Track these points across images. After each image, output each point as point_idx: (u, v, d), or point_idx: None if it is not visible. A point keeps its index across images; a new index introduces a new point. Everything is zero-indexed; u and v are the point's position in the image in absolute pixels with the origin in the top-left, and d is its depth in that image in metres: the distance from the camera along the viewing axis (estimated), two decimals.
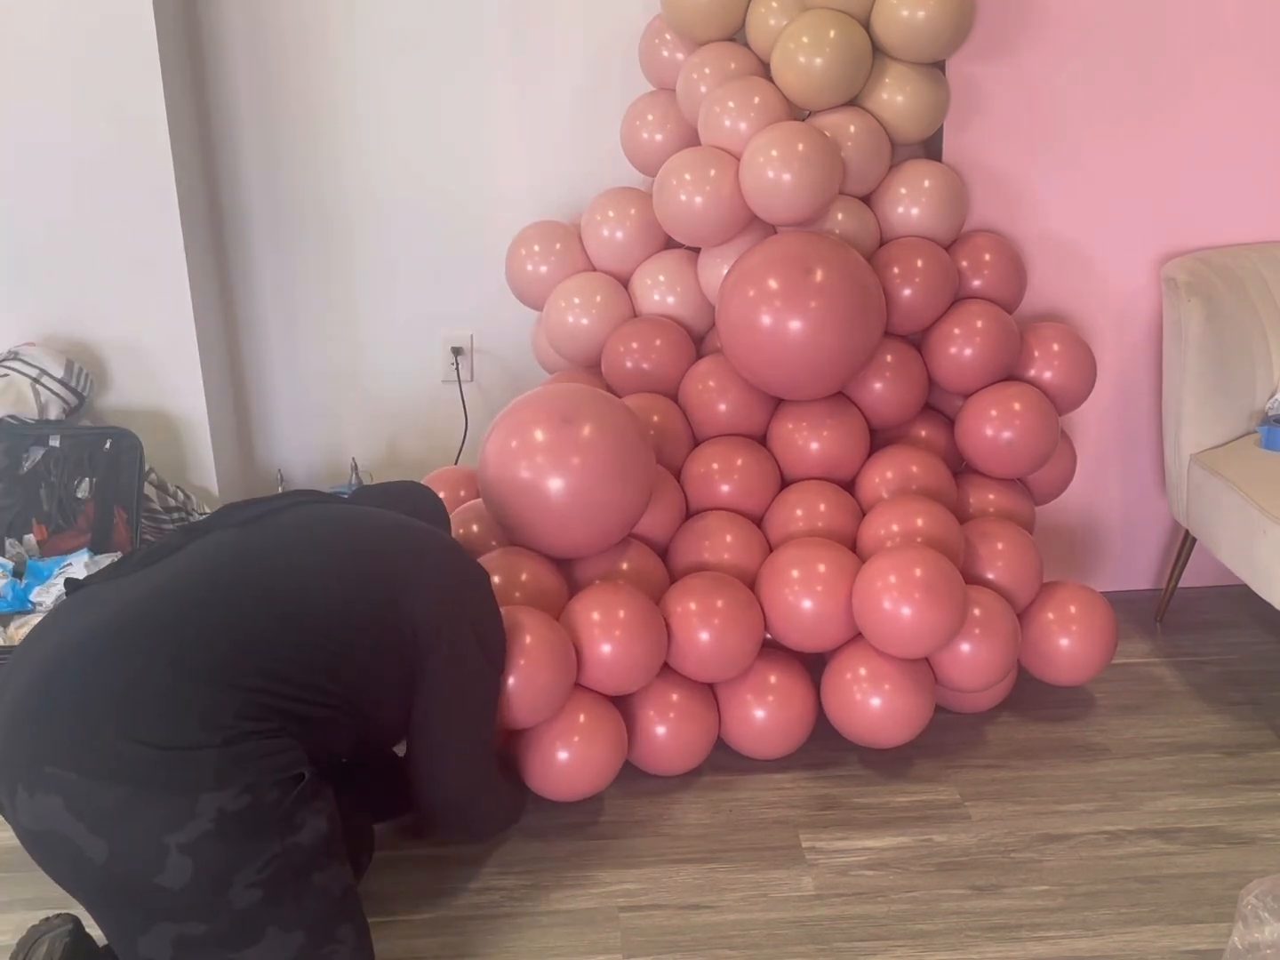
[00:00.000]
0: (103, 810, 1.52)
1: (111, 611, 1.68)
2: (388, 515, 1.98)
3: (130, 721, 1.56)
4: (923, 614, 2.19)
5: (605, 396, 2.34)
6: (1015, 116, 2.72)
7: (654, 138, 2.69)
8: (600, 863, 2.14)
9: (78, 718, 1.56)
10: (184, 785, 1.53)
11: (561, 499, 2.21)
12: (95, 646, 1.63)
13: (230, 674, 1.63)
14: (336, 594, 1.78)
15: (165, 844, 1.52)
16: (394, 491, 2.16)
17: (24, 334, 2.78)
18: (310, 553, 1.82)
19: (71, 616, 1.71)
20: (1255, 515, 2.43)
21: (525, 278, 2.78)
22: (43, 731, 1.57)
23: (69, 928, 1.73)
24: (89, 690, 1.58)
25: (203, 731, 1.56)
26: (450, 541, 2.06)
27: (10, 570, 2.51)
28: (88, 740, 1.54)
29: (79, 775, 1.53)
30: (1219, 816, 2.24)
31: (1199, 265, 2.69)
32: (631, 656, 2.19)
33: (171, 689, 1.59)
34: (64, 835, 1.53)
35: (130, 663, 1.61)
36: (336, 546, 1.85)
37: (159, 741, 1.54)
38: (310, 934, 1.63)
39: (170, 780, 1.53)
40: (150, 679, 1.59)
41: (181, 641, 1.64)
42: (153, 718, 1.56)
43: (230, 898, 1.56)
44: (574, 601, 2.25)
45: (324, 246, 3.05)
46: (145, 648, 1.62)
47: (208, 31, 2.88)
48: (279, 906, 1.60)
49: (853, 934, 1.98)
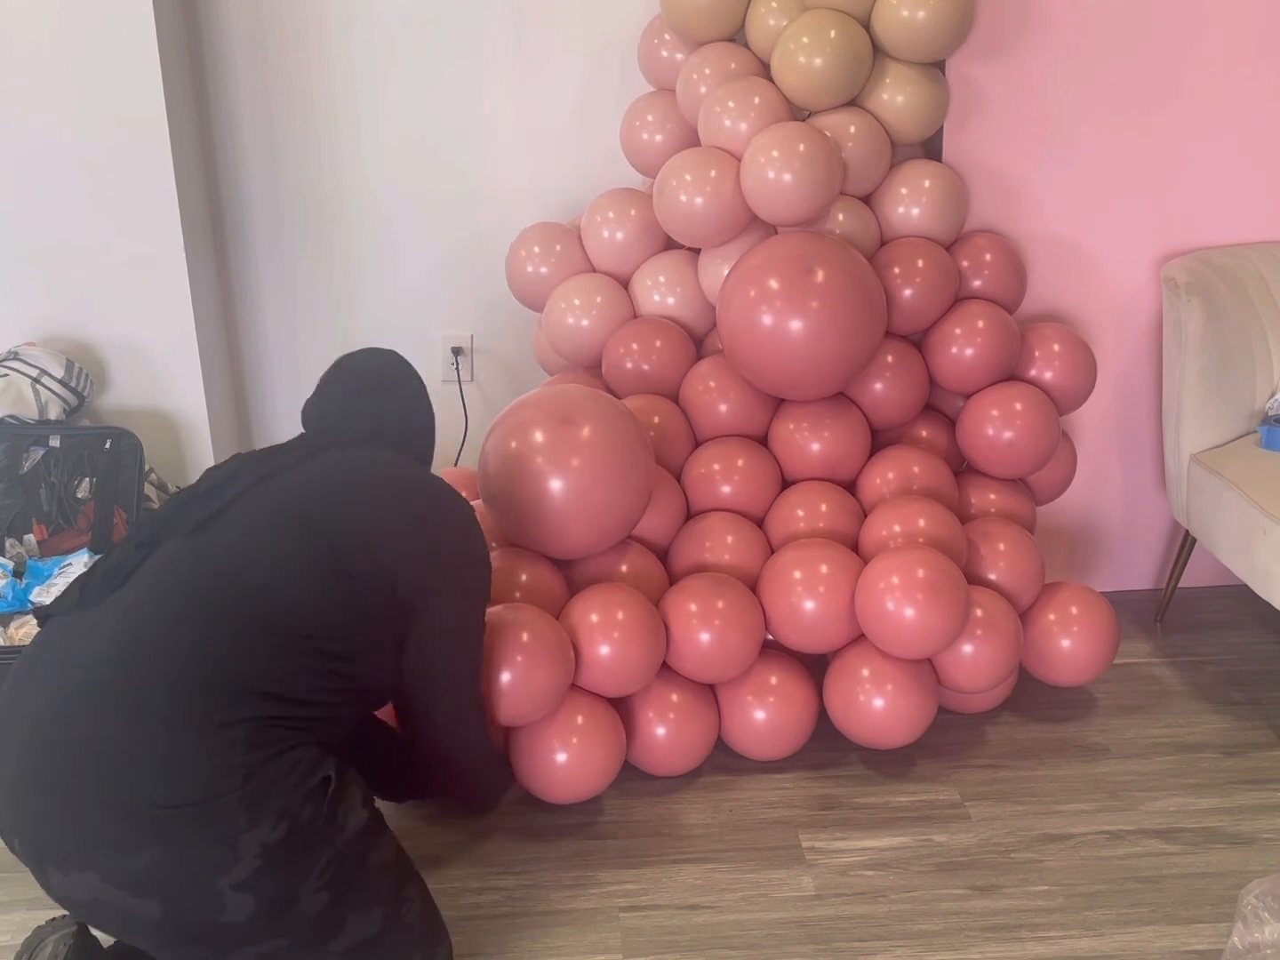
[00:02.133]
0: (142, 876, 1.49)
1: (90, 663, 1.59)
2: (345, 465, 1.85)
3: (144, 789, 1.51)
4: (925, 615, 2.19)
5: (604, 397, 2.33)
6: (1015, 116, 2.72)
7: (654, 138, 2.69)
8: (600, 863, 2.14)
9: (89, 798, 1.50)
10: (219, 834, 1.51)
11: (561, 500, 2.21)
12: (84, 712, 1.55)
13: (229, 711, 1.57)
14: (311, 588, 1.69)
15: (219, 888, 1.51)
16: (378, 391, 2.01)
17: (24, 334, 2.78)
18: (272, 550, 1.70)
19: (48, 671, 1.62)
20: (1255, 515, 2.43)
21: (525, 279, 2.78)
22: (55, 815, 1.52)
23: (73, 929, 1.72)
24: (92, 765, 1.52)
25: (221, 778, 1.52)
26: (422, 481, 1.92)
27: (10, 570, 2.51)
28: (106, 817, 1.50)
29: (109, 851, 1.49)
30: (1219, 816, 2.24)
31: (1199, 265, 2.69)
32: (630, 658, 2.19)
33: (176, 746, 1.53)
34: (109, 903, 1.51)
35: (126, 727, 1.54)
36: (298, 535, 1.72)
37: (180, 801, 1.50)
38: (385, 904, 1.69)
39: (203, 833, 1.51)
40: (151, 741, 1.53)
41: (172, 693, 1.56)
42: (166, 779, 1.51)
43: (301, 908, 1.58)
44: (573, 602, 2.25)
45: (324, 246, 3.05)
46: (136, 706, 1.55)
47: (208, 32, 2.88)
48: (350, 896, 1.64)
49: (853, 934, 1.98)
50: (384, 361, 2.07)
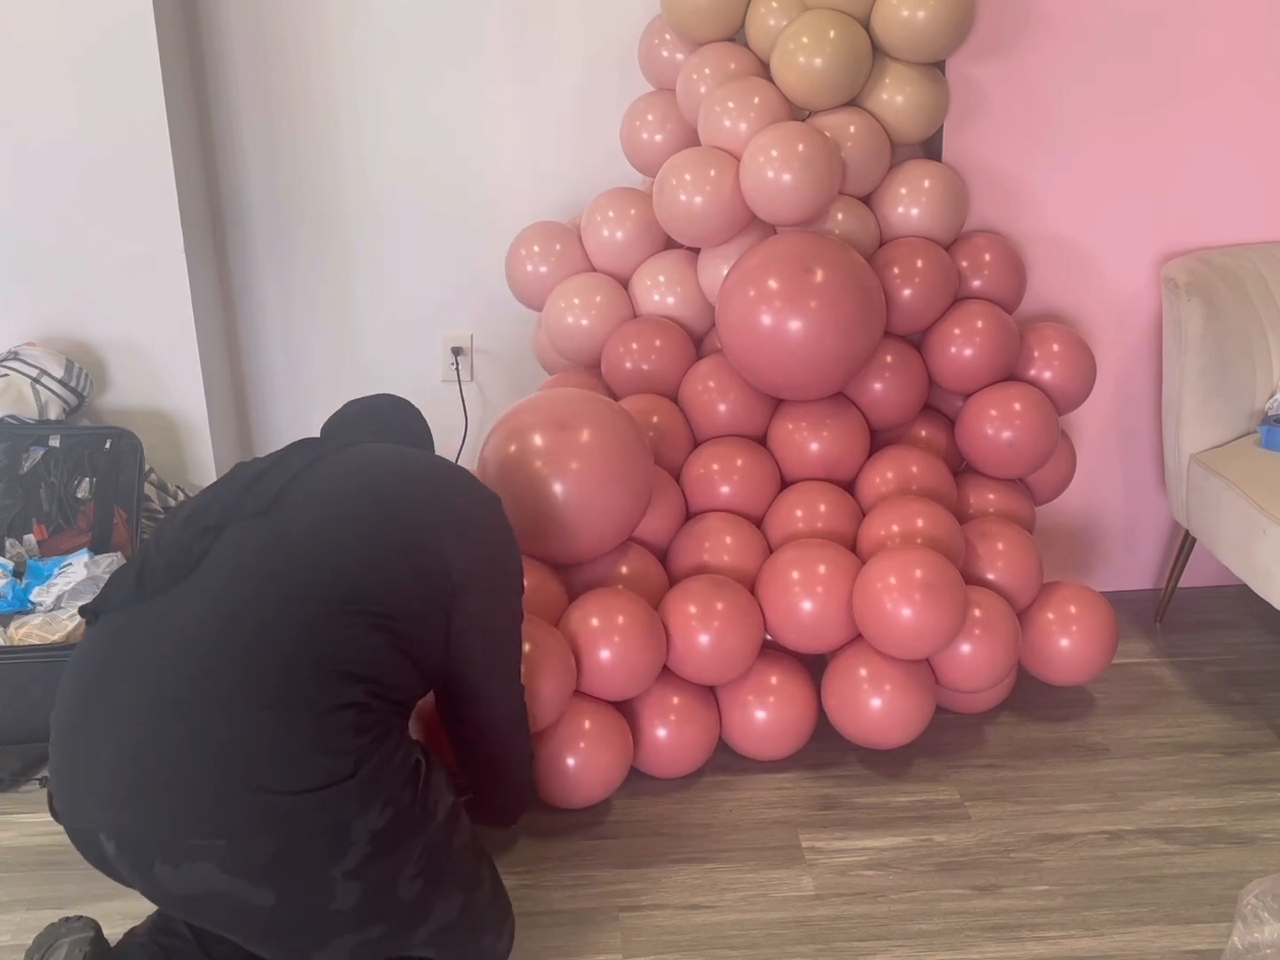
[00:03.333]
0: (261, 863, 1.50)
1: (183, 652, 1.55)
2: (393, 456, 1.85)
3: (260, 776, 1.50)
4: (923, 615, 2.19)
5: (603, 400, 2.33)
6: (1015, 116, 2.72)
7: (654, 138, 2.69)
8: (600, 863, 2.14)
9: (203, 790, 1.49)
10: (334, 821, 1.52)
11: (560, 504, 2.20)
12: (182, 701, 1.52)
13: (338, 695, 1.56)
14: (387, 569, 1.67)
15: (331, 875, 1.53)
16: (380, 413, 2.06)
17: (24, 334, 2.78)
18: (343, 532, 1.67)
19: (123, 660, 1.58)
20: (1255, 515, 2.43)
21: (525, 278, 2.78)
22: (166, 806, 1.49)
23: (90, 935, 1.69)
24: (205, 757, 1.50)
25: (336, 765, 1.53)
26: (458, 472, 1.91)
27: (10, 570, 2.51)
28: (223, 803, 1.49)
29: (227, 839, 1.48)
30: (1219, 816, 2.24)
31: (1199, 265, 2.69)
32: (631, 662, 2.19)
33: (293, 733, 1.52)
34: (223, 893, 1.50)
35: (238, 716, 1.52)
36: (370, 512, 1.71)
37: (297, 787, 1.50)
38: (464, 891, 1.73)
39: (320, 819, 1.51)
40: (267, 730, 1.51)
41: (284, 679, 1.54)
42: (281, 767, 1.51)
43: (399, 896, 1.61)
44: (572, 608, 2.25)
45: (324, 246, 3.05)
46: (246, 694, 1.53)
47: (208, 32, 2.88)
48: (439, 884, 1.67)
49: (853, 934, 1.98)
50: (390, 407, 2.13)
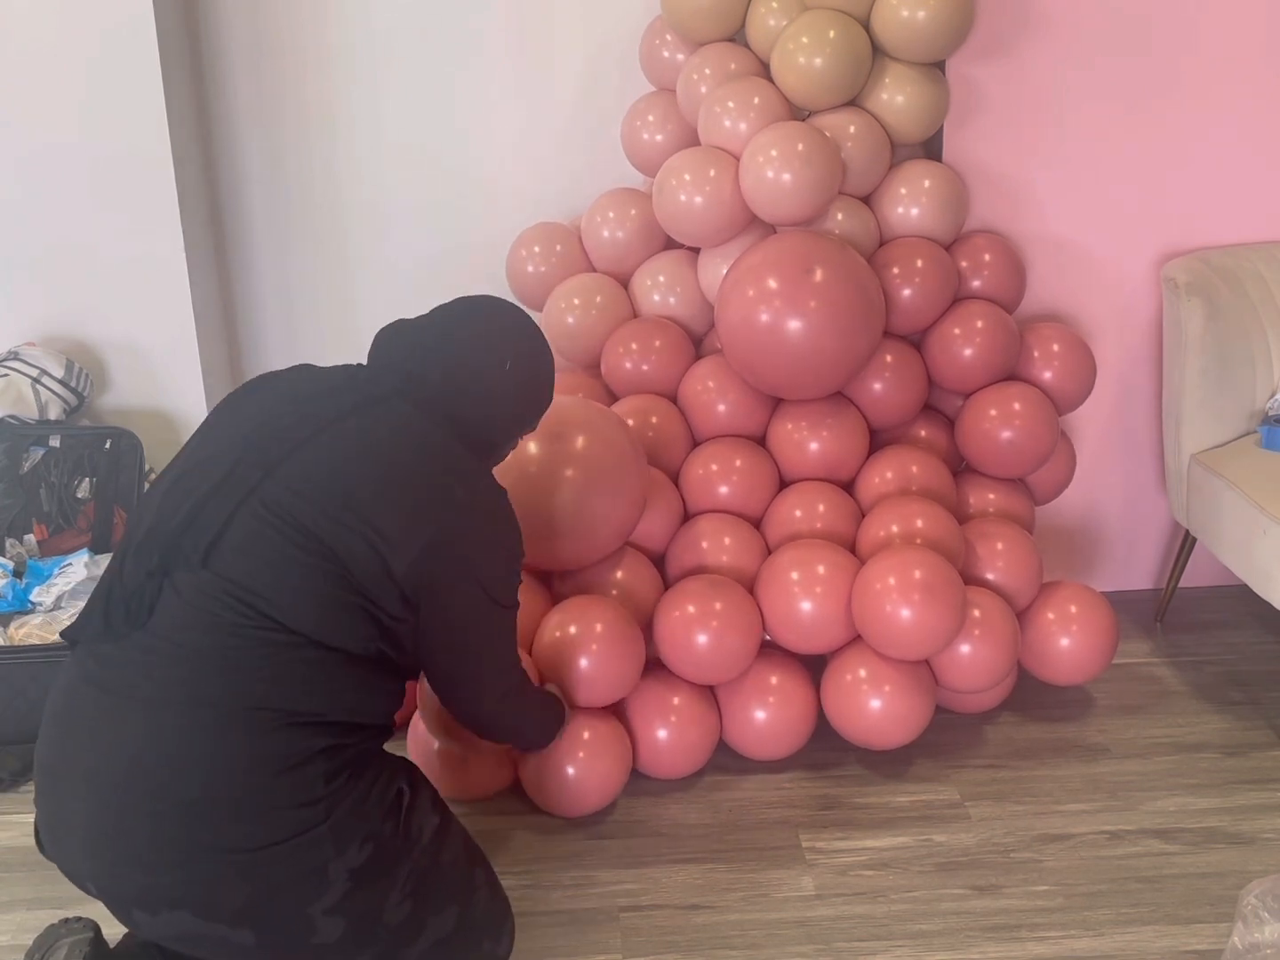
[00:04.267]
0: (237, 908, 1.51)
1: (145, 709, 1.53)
2: (378, 446, 1.66)
3: (227, 836, 1.50)
4: (921, 616, 2.19)
5: (597, 407, 2.33)
6: (1015, 117, 2.72)
7: (654, 138, 2.69)
8: (600, 863, 2.14)
9: (174, 845, 1.49)
10: (309, 867, 1.53)
11: (554, 511, 2.20)
12: (147, 762, 1.51)
13: (301, 748, 1.53)
14: (327, 610, 1.58)
15: (310, 914, 1.54)
16: (426, 355, 1.80)
17: (24, 334, 2.78)
18: (287, 577, 1.57)
19: (94, 709, 1.56)
20: (1255, 515, 2.43)
21: (525, 278, 2.78)
22: (137, 864, 1.50)
23: (89, 935, 1.69)
24: (174, 812, 1.50)
25: (305, 815, 1.52)
26: (456, 479, 1.71)
27: (10, 570, 2.51)
28: (194, 862, 1.50)
29: (201, 889, 1.50)
30: (1219, 816, 2.24)
31: (1199, 265, 2.69)
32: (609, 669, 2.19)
33: (258, 789, 1.51)
34: (204, 934, 1.52)
35: (202, 774, 1.50)
36: (306, 554, 1.58)
37: (268, 841, 1.50)
38: (458, 902, 1.71)
39: (293, 867, 1.52)
40: (233, 786, 1.50)
41: (245, 738, 1.52)
42: (248, 826, 1.50)
43: (386, 921, 1.60)
44: (548, 616, 2.25)
45: (324, 246, 3.05)
46: (209, 752, 1.51)
47: (208, 33, 2.88)
48: (429, 901, 1.66)
49: (853, 934, 1.98)
50: (500, 328, 1.89)
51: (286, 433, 1.65)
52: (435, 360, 1.79)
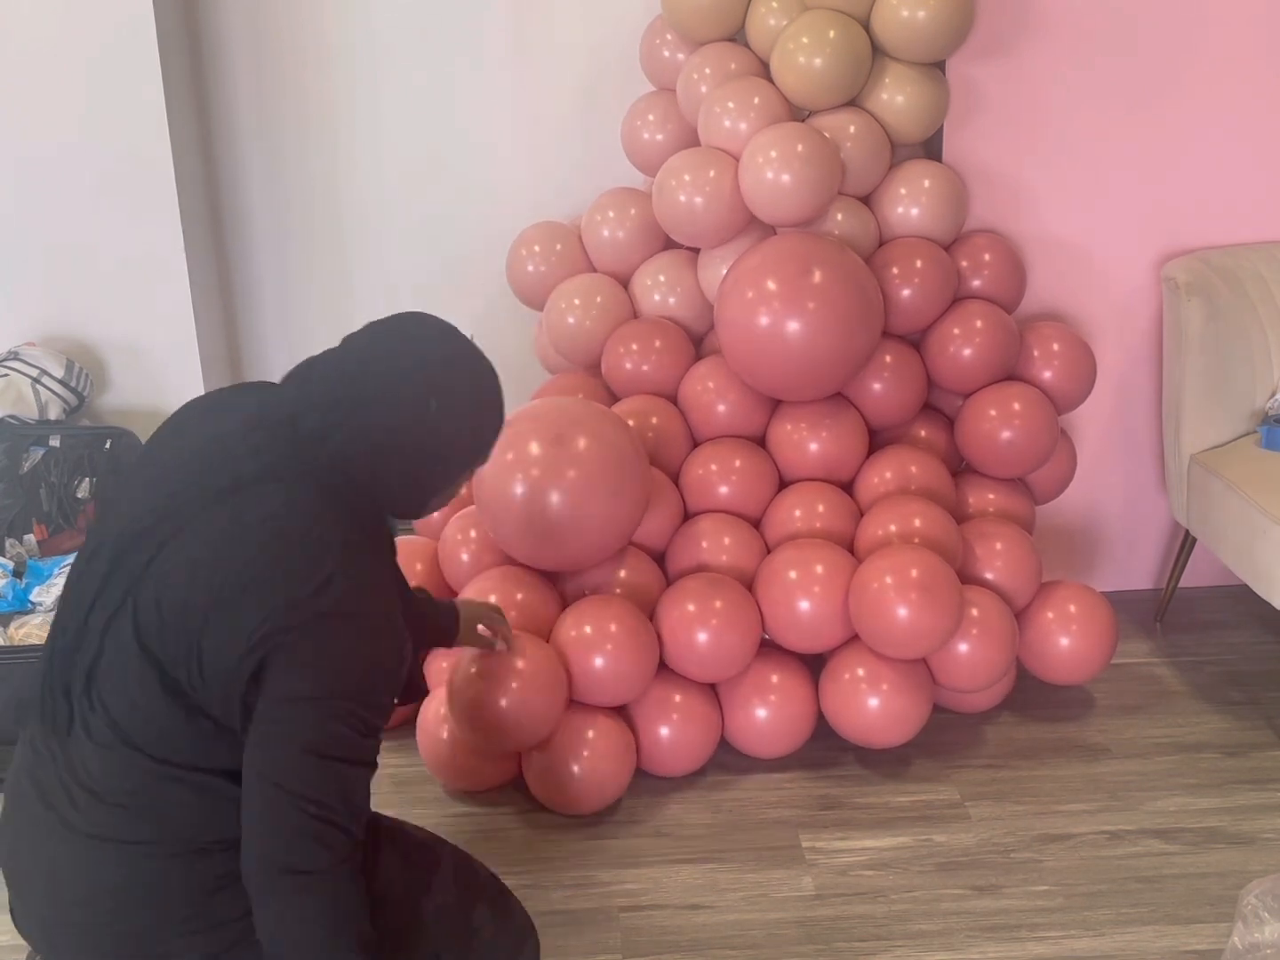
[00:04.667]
0: None
1: (79, 842, 1.42)
2: (227, 560, 1.38)
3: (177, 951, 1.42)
4: (919, 615, 2.19)
5: (600, 409, 2.33)
6: (1015, 117, 2.72)
7: (654, 138, 2.69)
8: (600, 863, 2.14)
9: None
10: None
11: (557, 513, 2.20)
12: (99, 887, 1.42)
13: (225, 871, 1.41)
14: (191, 742, 1.41)
15: None
16: (367, 384, 1.57)
17: (24, 334, 2.78)
18: (135, 696, 1.41)
19: (33, 810, 1.46)
20: (1255, 515, 2.43)
21: (526, 278, 2.78)
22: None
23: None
24: (120, 937, 1.43)
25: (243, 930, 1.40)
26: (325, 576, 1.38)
27: (10, 570, 2.51)
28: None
29: None
30: (1219, 816, 2.24)
31: (1199, 265, 2.69)
32: (622, 669, 2.19)
33: (194, 914, 1.42)
34: None
35: (147, 905, 1.42)
36: (156, 698, 1.40)
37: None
38: (458, 951, 1.57)
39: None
40: (173, 913, 1.42)
41: (178, 872, 1.42)
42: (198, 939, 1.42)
43: None
44: (564, 616, 2.25)
45: (324, 246, 3.05)
46: (150, 882, 1.42)
47: (208, 33, 2.88)
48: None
49: (853, 934, 1.98)
50: (415, 361, 1.59)
51: (156, 527, 1.43)
52: (338, 420, 1.51)
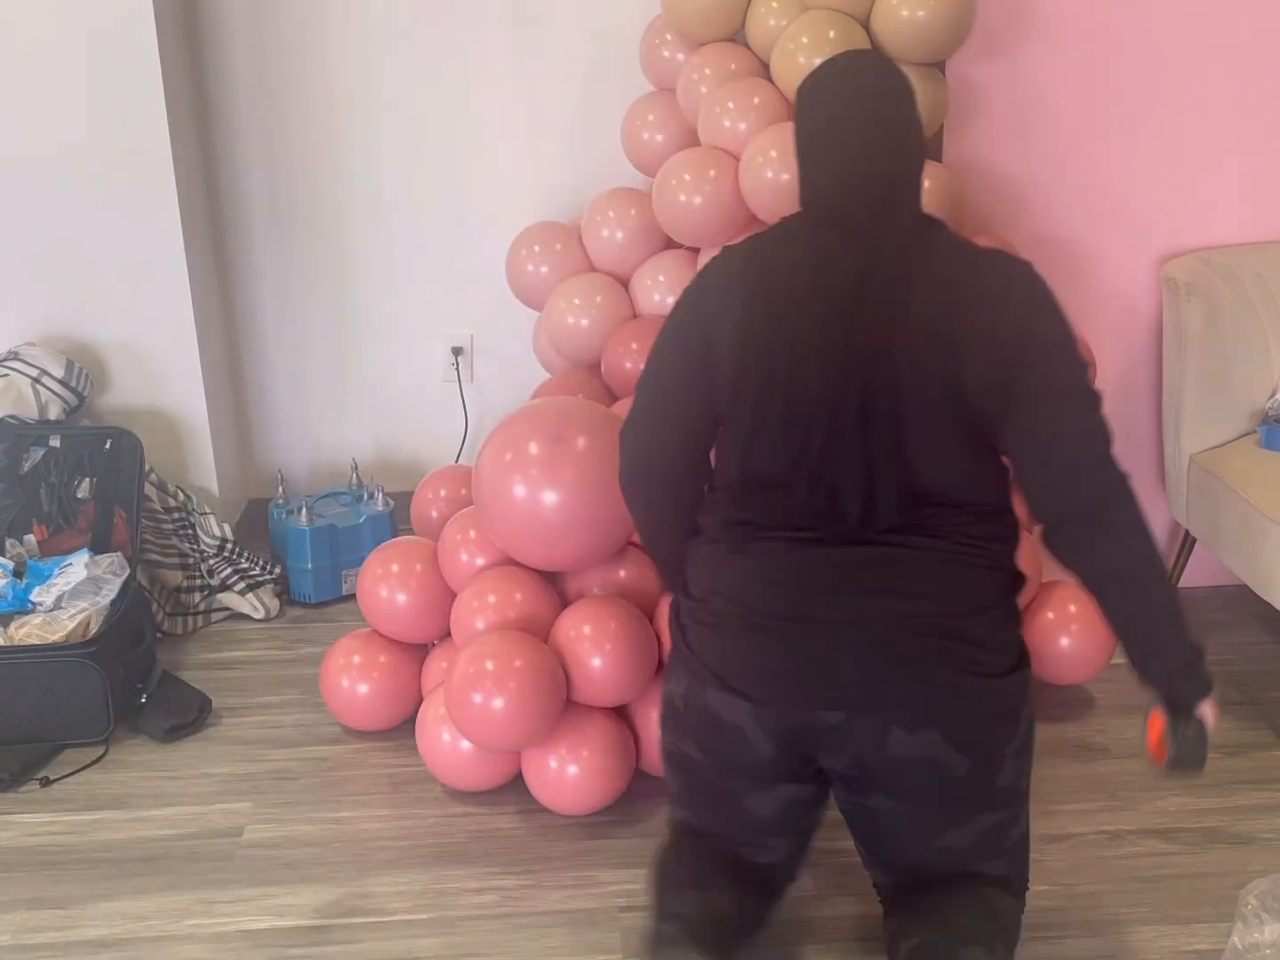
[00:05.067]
0: (969, 736, 1.65)
1: (896, 564, 1.67)
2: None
3: (980, 659, 1.65)
4: None
5: (599, 409, 2.33)
6: (1015, 117, 2.72)
7: (654, 138, 2.69)
8: (600, 863, 2.13)
9: (945, 666, 1.64)
10: (1011, 704, 1.69)
11: (556, 513, 2.19)
12: (916, 594, 1.66)
13: (1005, 582, 1.76)
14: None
15: (1004, 753, 1.68)
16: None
17: (24, 334, 2.78)
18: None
19: (839, 570, 1.67)
20: (1255, 516, 2.43)
21: (526, 278, 2.78)
22: (920, 684, 1.64)
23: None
24: (927, 650, 1.64)
25: (1014, 650, 1.70)
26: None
27: (10, 570, 2.51)
28: (961, 684, 1.64)
29: (958, 712, 1.64)
30: (1219, 816, 2.24)
31: (1199, 265, 2.69)
32: (622, 668, 2.18)
33: (994, 621, 1.69)
34: (935, 759, 1.64)
35: (963, 607, 1.67)
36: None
37: (1000, 670, 1.67)
38: (1026, 810, 1.78)
39: (1006, 702, 1.68)
40: (979, 618, 1.67)
41: (989, 580, 1.73)
42: (993, 653, 1.67)
43: (1022, 785, 1.74)
44: (563, 616, 2.25)
45: (324, 247, 3.05)
46: (962, 590, 1.68)
47: (208, 33, 2.88)
48: (1027, 792, 1.76)
49: (853, 934, 1.97)
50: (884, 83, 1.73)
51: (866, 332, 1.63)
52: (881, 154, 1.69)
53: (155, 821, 2.21)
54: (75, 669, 2.35)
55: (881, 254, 1.65)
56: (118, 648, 2.43)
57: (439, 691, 2.26)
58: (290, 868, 2.09)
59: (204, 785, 2.31)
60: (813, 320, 1.65)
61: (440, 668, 2.34)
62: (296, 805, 2.25)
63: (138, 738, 2.44)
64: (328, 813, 2.23)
